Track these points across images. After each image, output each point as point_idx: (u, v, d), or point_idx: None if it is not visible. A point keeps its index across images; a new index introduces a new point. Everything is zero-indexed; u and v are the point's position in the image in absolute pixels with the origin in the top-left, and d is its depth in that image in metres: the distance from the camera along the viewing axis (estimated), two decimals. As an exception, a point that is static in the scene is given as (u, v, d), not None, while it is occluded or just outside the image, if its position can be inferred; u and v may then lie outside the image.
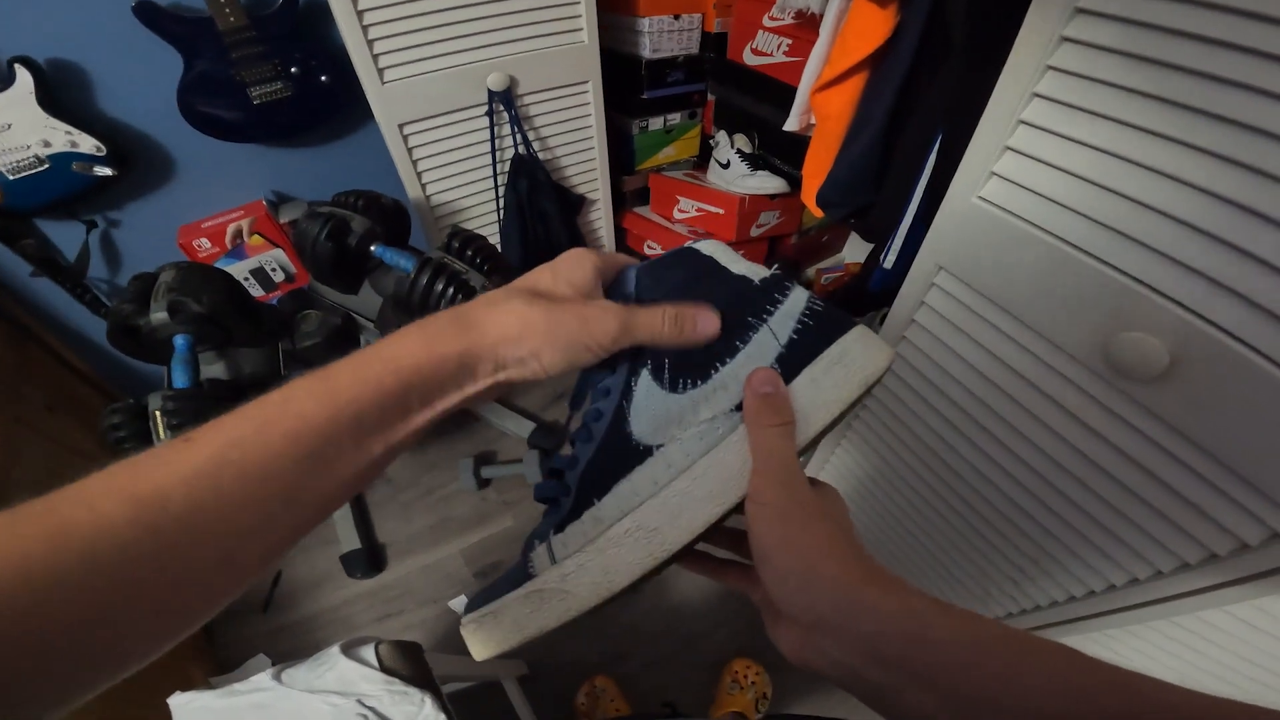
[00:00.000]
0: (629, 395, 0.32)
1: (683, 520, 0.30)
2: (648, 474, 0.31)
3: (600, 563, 0.30)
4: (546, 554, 0.31)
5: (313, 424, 0.25)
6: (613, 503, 0.31)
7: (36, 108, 1.05)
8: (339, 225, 1.02)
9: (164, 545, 0.21)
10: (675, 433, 0.32)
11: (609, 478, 0.31)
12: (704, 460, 0.31)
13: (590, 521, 0.31)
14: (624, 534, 0.30)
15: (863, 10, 0.90)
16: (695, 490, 0.31)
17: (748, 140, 1.44)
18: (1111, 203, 0.55)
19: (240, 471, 0.23)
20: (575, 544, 0.31)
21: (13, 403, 1.15)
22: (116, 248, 1.36)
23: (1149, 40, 0.48)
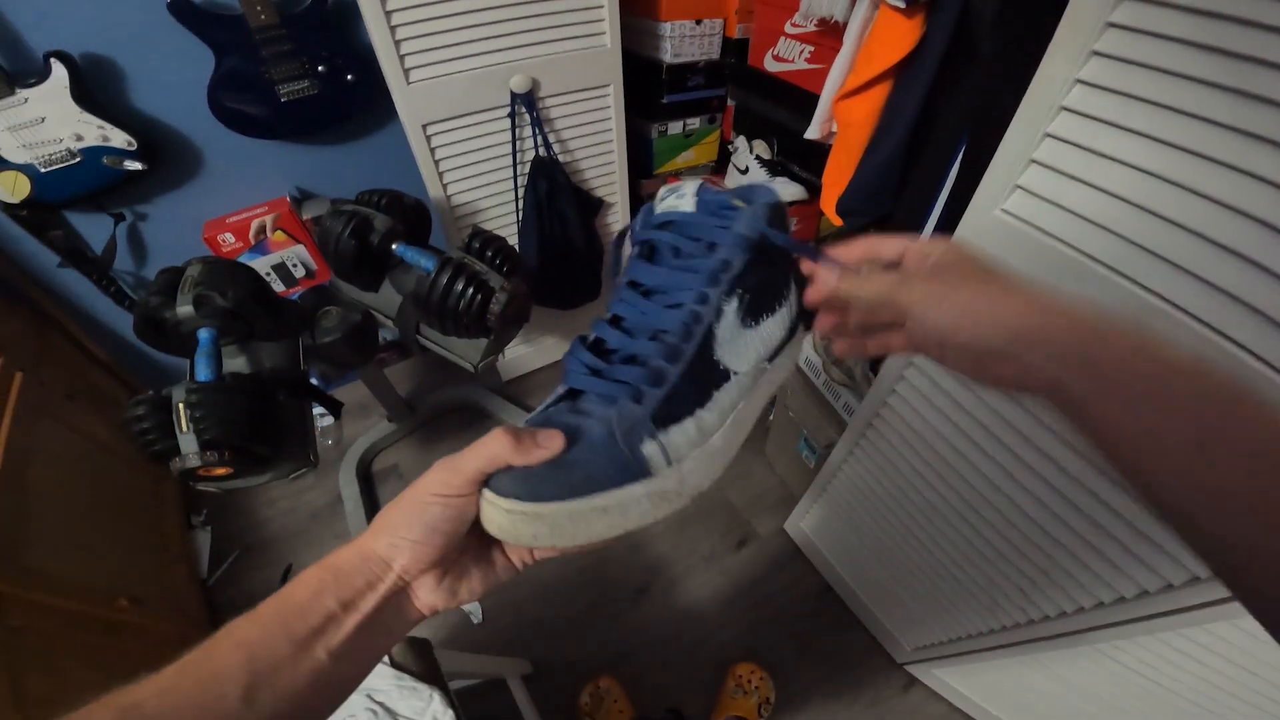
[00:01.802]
0: (719, 315, 0.35)
1: (737, 440, 0.35)
2: (729, 395, 0.35)
3: (704, 468, 0.33)
4: (660, 453, 0.32)
5: (256, 629, 0.29)
6: (711, 416, 0.34)
7: (70, 102, 1.07)
8: (362, 223, 1.03)
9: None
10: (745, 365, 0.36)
11: (705, 387, 0.34)
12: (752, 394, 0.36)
13: (695, 428, 0.33)
14: (719, 445, 0.34)
15: (889, 19, 0.90)
16: (745, 417, 0.36)
17: (767, 146, 1.44)
18: (1137, 218, 0.55)
19: (197, 679, 0.27)
20: (684, 449, 0.32)
21: (34, 390, 1.16)
22: (143, 240, 1.38)
23: (1181, 55, 0.48)
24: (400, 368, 1.97)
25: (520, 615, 1.42)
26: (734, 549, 1.53)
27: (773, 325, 0.37)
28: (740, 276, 0.35)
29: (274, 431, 0.94)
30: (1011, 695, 1.08)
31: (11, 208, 1.15)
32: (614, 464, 0.31)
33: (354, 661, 0.30)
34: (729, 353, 0.35)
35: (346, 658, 0.30)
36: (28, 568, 0.96)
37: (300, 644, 0.28)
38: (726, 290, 0.34)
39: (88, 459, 1.27)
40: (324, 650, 0.29)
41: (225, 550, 1.53)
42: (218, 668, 0.27)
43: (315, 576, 0.30)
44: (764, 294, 0.36)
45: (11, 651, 0.87)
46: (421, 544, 0.31)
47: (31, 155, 1.09)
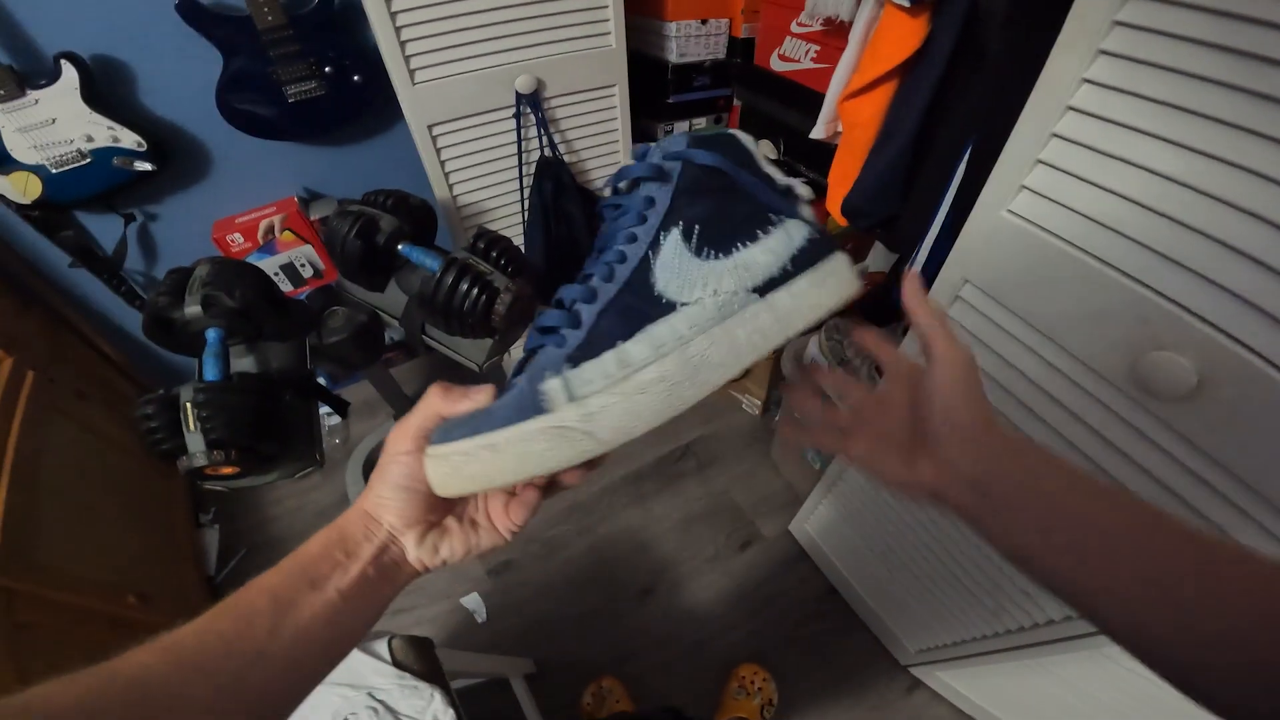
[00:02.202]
0: (655, 249, 0.34)
1: (699, 378, 0.31)
2: (672, 326, 0.32)
3: (626, 407, 0.30)
4: (562, 389, 0.30)
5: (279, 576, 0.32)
6: (638, 349, 0.31)
7: (80, 103, 1.08)
8: (368, 224, 1.04)
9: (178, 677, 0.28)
10: (698, 294, 0.33)
11: (634, 321, 0.32)
12: (718, 328, 0.32)
13: (614, 362, 0.31)
14: (651, 381, 0.31)
15: (894, 19, 0.89)
16: (711, 355, 0.32)
17: (772, 146, 1.44)
18: (1145, 219, 0.54)
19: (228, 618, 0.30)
20: (598, 384, 0.30)
21: (45, 389, 1.18)
22: (153, 240, 1.39)
23: (1188, 55, 0.48)
24: (406, 368, 1.98)
25: (524, 615, 1.42)
26: (739, 550, 1.53)
27: (754, 253, 0.34)
28: (673, 208, 0.34)
29: (280, 431, 0.95)
30: (1015, 698, 1.07)
31: (23, 208, 1.16)
32: (515, 404, 0.31)
33: (361, 602, 0.34)
34: (675, 285, 0.33)
35: (354, 599, 0.33)
36: (37, 564, 0.97)
37: (314, 584, 0.32)
38: (661, 223, 0.34)
39: (98, 457, 1.28)
40: (335, 590, 0.33)
41: (232, 548, 1.54)
42: (246, 608, 0.31)
43: (324, 533, 0.35)
44: (724, 222, 0.34)
45: (19, 647, 0.87)
46: (395, 501, 0.35)
47: (42, 156, 1.10)
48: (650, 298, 0.32)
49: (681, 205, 0.34)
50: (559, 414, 0.30)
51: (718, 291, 0.33)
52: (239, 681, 0.29)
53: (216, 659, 0.29)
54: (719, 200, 0.35)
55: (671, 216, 0.34)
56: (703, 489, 1.65)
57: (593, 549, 1.53)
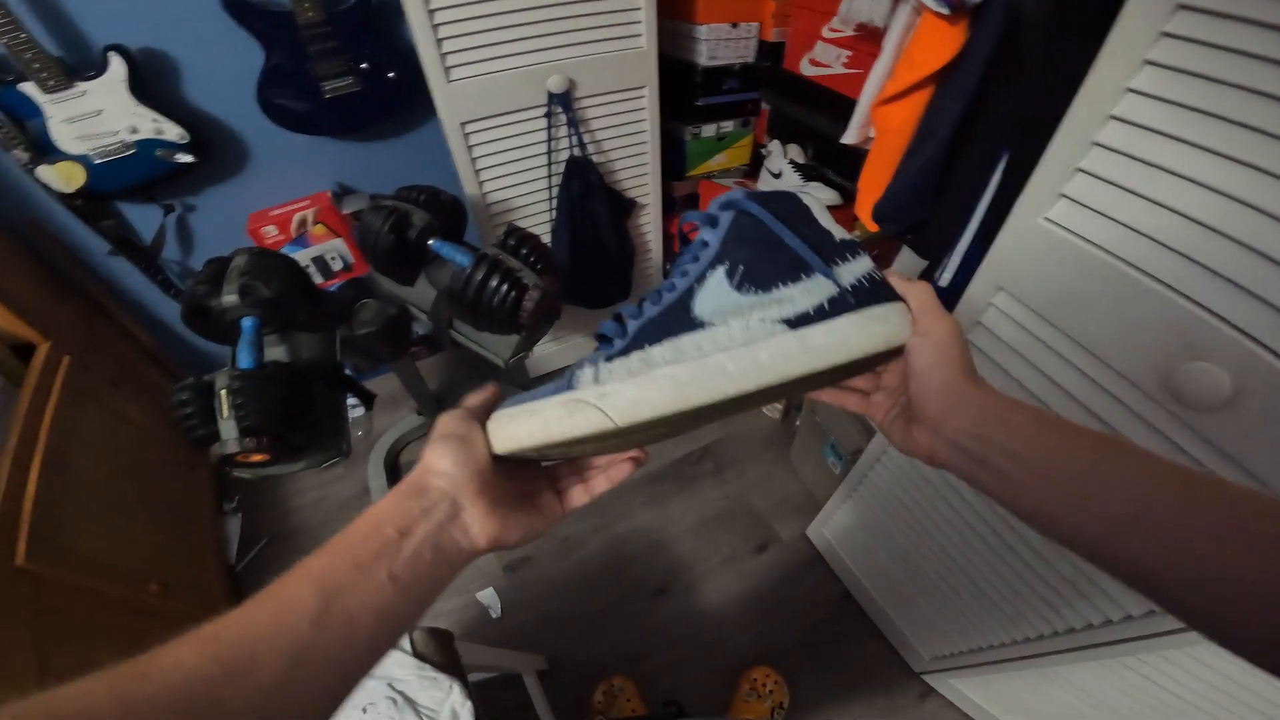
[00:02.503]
0: (702, 280, 0.38)
1: (709, 385, 0.35)
2: (696, 340, 0.36)
3: (634, 394, 0.35)
4: (592, 374, 0.36)
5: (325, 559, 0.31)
6: (660, 351, 0.36)
7: (127, 95, 1.11)
8: (401, 218, 1.05)
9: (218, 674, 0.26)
10: (729, 320, 0.37)
11: (664, 333, 0.37)
12: (742, 349, 0.36)
13: (638, 360, 0.36)
14: (661, 376, 0.35)
15: (931, 26, 0.89)
16: (728, 366, 0.35)
17: (801, 151, 1.44)
18: (1186, 229, 0.54)
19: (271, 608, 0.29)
20: (619, 374, 0.35)
21: (80, 375, 1.20)
22: (189, 231, 1.42)
23: (1234, 66, 0.48)
24: (431, 362, 2.00)
25: (538, 612, 1.43)
26: (755, 553, 1.53)
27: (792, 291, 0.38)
28: (722, 250, 0.38)
29: (310, 420, 0.96)
30: (1029, 707, 1.06)
31: (66, 197, 1.19)
32: (556, 386, 0.37)
33: (414, 586, 0.32)
34: (710, 310, 0.37)
35: (407, 584, 0.32)
36: (64, 550, 0.98)
37: (362, 568, 0.31)
38: (710, 262, 0.38)
39: (127, 444, 1.30)
40: (385, 573, 0.31)
41: (254, 538, 1.56)
42: (290, 596, 0.29)
43: (375, 510, 0.33)
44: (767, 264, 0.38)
45: (43, 631, 0.89)
46: (460, 464, 0.34)
47: (87, 146, 1.13)
48: (686, 318, 0.37)
49: (730, 248, 0.38)
50: (580, 391, 0.35)
51: (748, 321, 0.37)
52: (285, 679, 0.27)
53: (259, 655, 0.27)
54: (764, 247, 0.38)
55: (720, 257, 0.38)
56: (720, 491, 1.65)
57: (608, 547, 1.54)
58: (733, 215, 0.39)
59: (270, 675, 0.26)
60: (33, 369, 1.11)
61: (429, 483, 0.34)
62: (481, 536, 0.35)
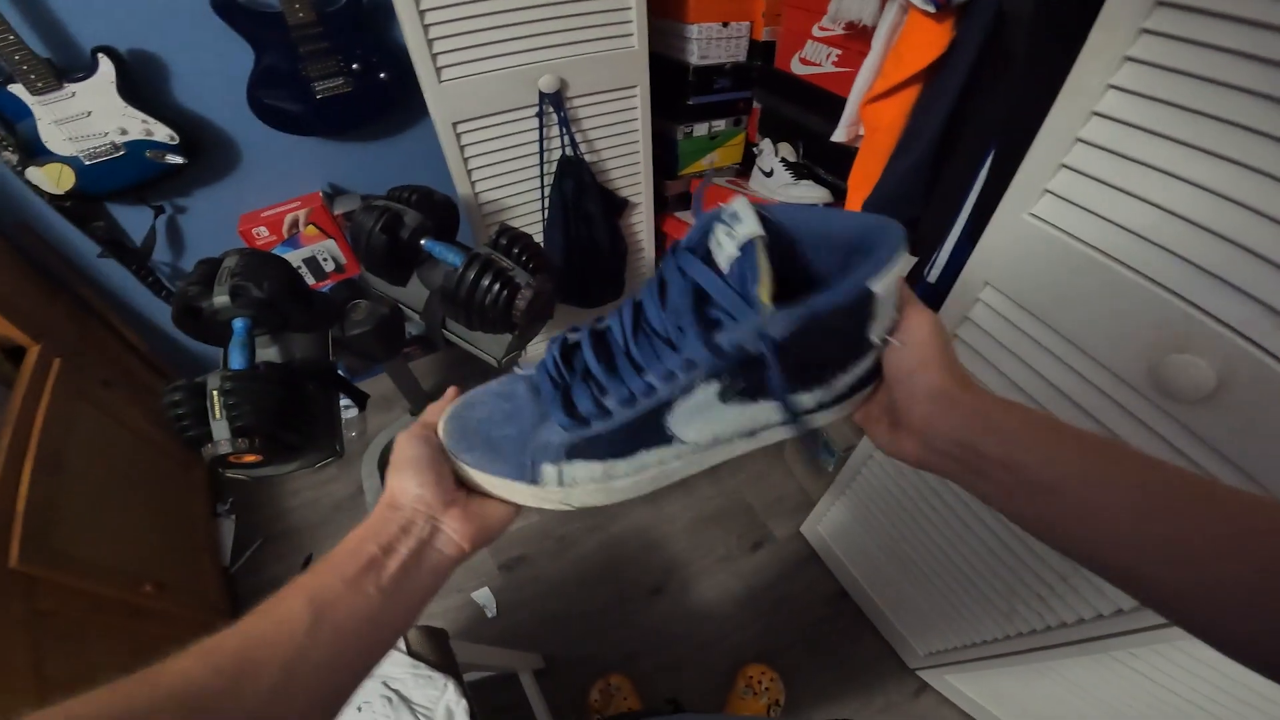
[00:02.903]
0: (687, 394, 0.33)
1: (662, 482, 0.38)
2: (660, 455, 0.36)
3: (597, 496, 0.38)
4: (556, 475, 0.37)
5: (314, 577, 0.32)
6: (624, 465, 0.37)
7: (116, 96, 1.11)
8: (393, 219, 1.05)
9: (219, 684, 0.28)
10: (699, 437, 0.36)
11: (633, 446, 0.36)
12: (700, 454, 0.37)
13: (601, 471, 0.37)
14: (622, 487, 0.37)
15: (918, 24, 0.90)
16: (681, 470, 0.37)
17: (792, 149, 1.44)
18: (1168, 224, 0.55)
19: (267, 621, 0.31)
20: (581, 480, 0.37)
21: (72, 377, 1.19)
22: (180, 232, 1.42)
23: (1213, 62, 0.48)
24: (424, 362, 2.00)
25: (534, 611, 1.44)
26: (750, 551, 1.53)
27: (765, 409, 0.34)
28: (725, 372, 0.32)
29: (303, 420, 0.96)
30: (1023, 703, 1.07)
31: (56, 199, 1.18)
32: (516, 463, 0.37)
33: (403, 597, 0.34)
34: (685, 425, 0.35)
35: (394, 594, 0.33)
36: (58, 551, 0.98)
37: (350, 582, 0.32)
38: (705, 376, 0.32)
39: (120, 445, 1.30)
40: (373, 587, 0.32)
41: (248, 539, 1.56)
42: (283, 611, 0.31)
43: (358, 531, 0.35)
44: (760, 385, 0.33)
45: (37, 633, 0.88)
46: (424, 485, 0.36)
47: (77, 148, 1.13)
48: (656, 428, 0.35)
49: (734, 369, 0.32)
50: (545, 490, 0.37)
51: (718, 437, 0.36)
52: (281, 686, 0.29)
53: (256, 665, 0.28)
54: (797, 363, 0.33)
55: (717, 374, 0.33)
56: (715, 489, 1.66)
57: (604, 546, 1.54)
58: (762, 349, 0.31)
59: (267, 683, 0.28)
60: (24, 371, 1.11)
61: (403, 502, 0.36)
62: (464, 541, 0.36)
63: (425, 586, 0.35)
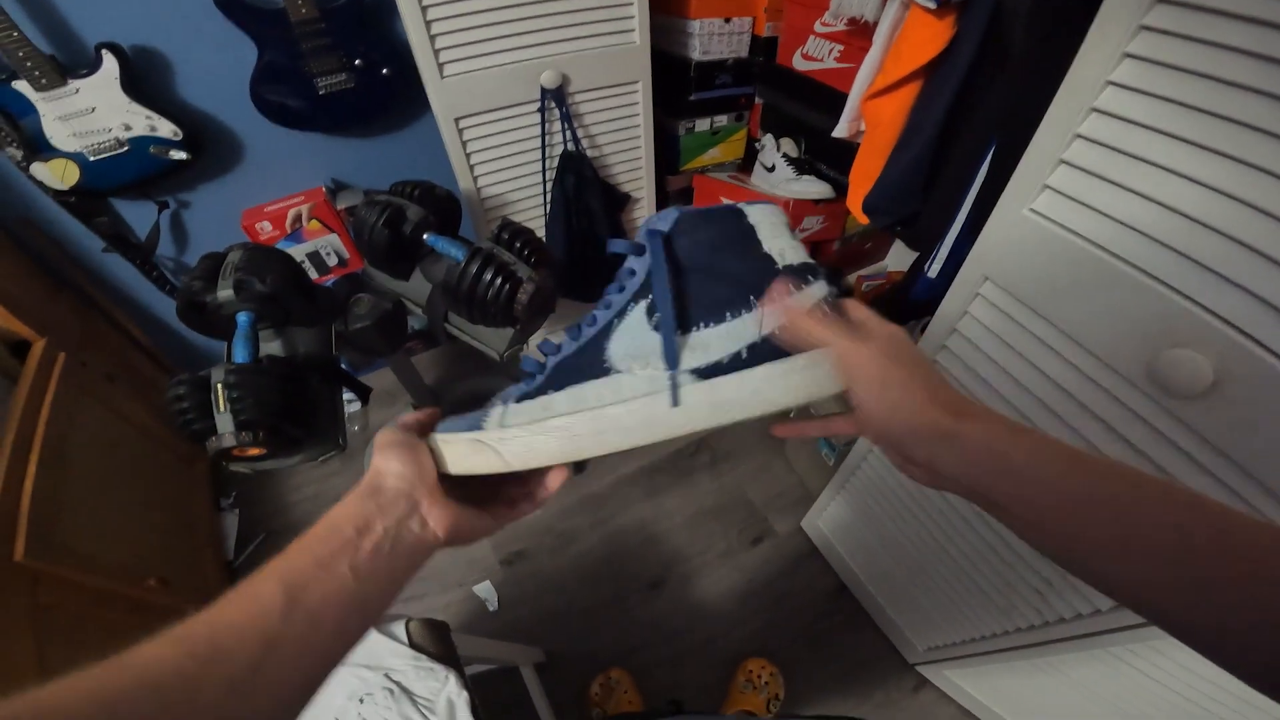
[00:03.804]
0: (622, 315, 0.36)
1: (601, 438, 0.35)
2: (597, 389, 0.36)
3: (527, 441, 0.36)
4: (499, 416, 0.37)
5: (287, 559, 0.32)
6: (564, 399, 0.36)
7: (120, 92, 1.11)
8: (395, 213, 1.06)
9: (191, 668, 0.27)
10: (634, 367, 0.35)
11: (572, 377, 0.37)
12: (641, 401, 0.35)
13: (540, 406, 0.37)
14: (555, 427, 0.36)
15: (919, 20, 0.90)
16: (623, 420, 0.35)
17: (794, 144, 1.45)
18: (1166, 219, 0.55)
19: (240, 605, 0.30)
20: (522, 418, 0.37)
21: (76, 372, 1.20)
22: (184, 227, 1.42)
23: (1211, 58, 0.48)
24: (427, 357, 2.01)
25: (535, 605, 1.44)
26: (750, 546, 1.54)
27: (710, 335, 0.34)
28: (647, 283, 0.36)
29: (306, 414, 0.97)
30: (1022, 698, 1.07)
31: (60, 194, 1.19)
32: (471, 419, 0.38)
33: (377, 580, 0.33)
34: (621, 353, 0.36)
35: (369, 577, 0.33)
36: (62, 546, 0.99)
37: (323, 564, 0.32)
38: (633, 295, 0.36)
39: (124, 440, 1.31)
40: (346, 568, 0.32)
41: (251, 533, 1.57)
42: (256, 594, 0.30)
43: (333, 513, 0.35)
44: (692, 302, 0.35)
45: (40, 627, 0.89)
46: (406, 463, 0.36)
47: (81, 144, 1.13)
48: (597, 360, 0.36)
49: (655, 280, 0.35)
50: (485, 433, 0.37)
51: (655, 373, 0.35)
52: (253, 670, 0.28)
53: (228, 649, 0.28)
54: (691, 281, 0.35)
55: (643, 290, 0.36)
56: (716, 483, 1.66)
57: (605, 541, 1.55)
58: (660, 241, 0.35)
59: (240, 665, 0.28)
60: (28, 366, 1.12)
61: (383, 483, 0.36)
62: (439, 528, 0.36)
63: (401, 568, 0.35)
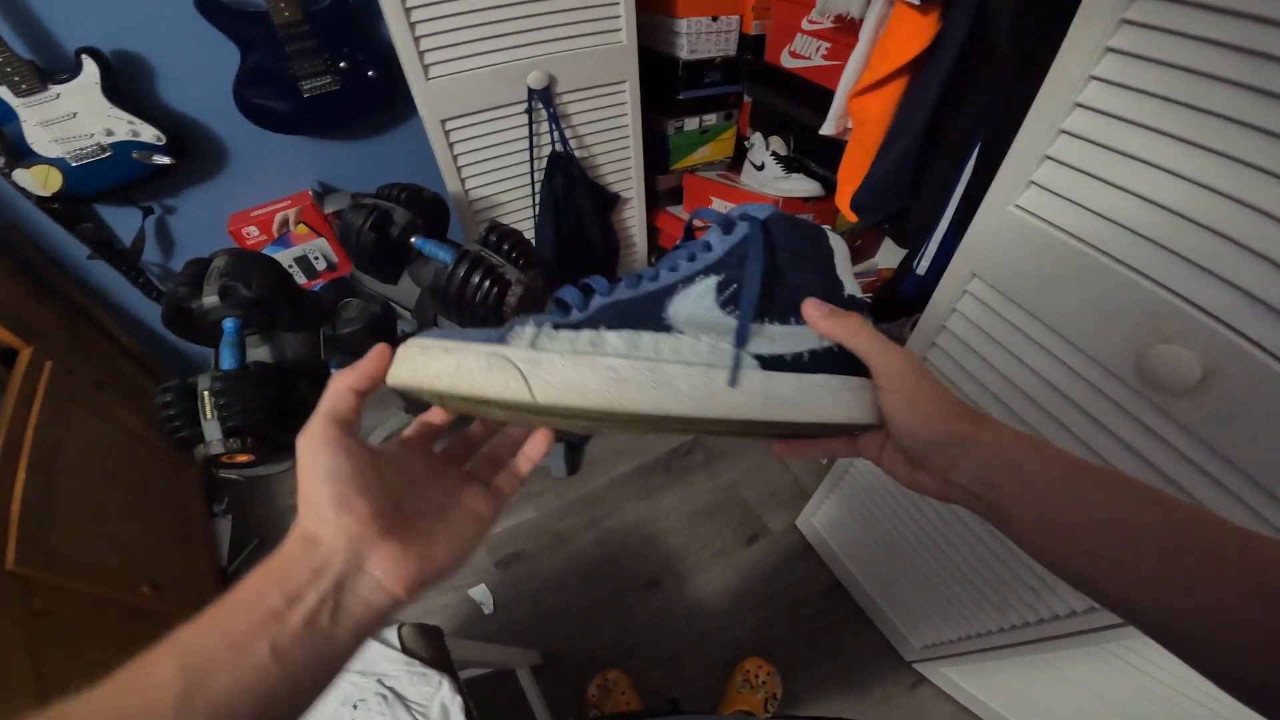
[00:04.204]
0: (689, 283, 0.34)
1: (652, 393, 0.31)
2: (656, 341, 0.32)
3: (567, 371, 0.30)
4: (531, 335, 0.32)
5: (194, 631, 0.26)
6: (617, 339, 0.32)
7: (101, 97, 1.10)
8: (382, 216, 1.05)
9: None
10: (700, 334, 0.33)
11: (628, 321, 0.33)
12: (699, 369, 0.32)
13: (587, 340, 0.32)
14: (604, 365, 0.31)
15: (904, 16, 0.90)
16: (679, 383, 0.31)
17: (783, 142, 1.44)
18: (1151, 214, 0.55)
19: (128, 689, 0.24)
20: (562, 345, 0.31)
21: (64, 379, 1.19)
22: (170, 233, 1.41)
23: (1194, 52, 0.48)
24: (417, 361, 2.00)
25: (531, 607, 1.44)
26: (745, 544, 1.54)
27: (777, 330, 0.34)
28: (724, 261, 0.34)
29: (295, 420, 0.96)
30: (1019, 696, 1.08)
31: (43, 200, 1.18)
32: (489, 333, 0.32)
33: (310, 663, 0.26)
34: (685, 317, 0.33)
35: (295, 660, 0.26)
36: (54, 553, 0.98)
37: (237, 644, 0.25)
38: (706, 268, 0.34)
39: (115, 447, 1.30)
40: (266, 650, 0.25)
41: (245, 539, 1.56)
42: (151, 676, 0.24)
43: (259, 572, 0.27)
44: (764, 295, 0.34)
45: (34, 634, 0.88)
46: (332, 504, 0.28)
47: (63, 149, 1.12)
48: (656, 315, 0.33)
49: (733, 262, 0.34)
50: (511, 349, 0.31)
51: (717, 345, 0.33)
52: None
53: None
54: (773, 277, 0.35)
55: (719, 267, 0.34)
56: (710, 483, 1.66)
57: (600, 542, 1.55)
58: (749, 230, 0.35)
59: None
60: (15, 375, 1.11)
61: (318, 532, 0.28)
62: (397, 585, 0.28)
63: (343, 645, 0.27)
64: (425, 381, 0.30)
